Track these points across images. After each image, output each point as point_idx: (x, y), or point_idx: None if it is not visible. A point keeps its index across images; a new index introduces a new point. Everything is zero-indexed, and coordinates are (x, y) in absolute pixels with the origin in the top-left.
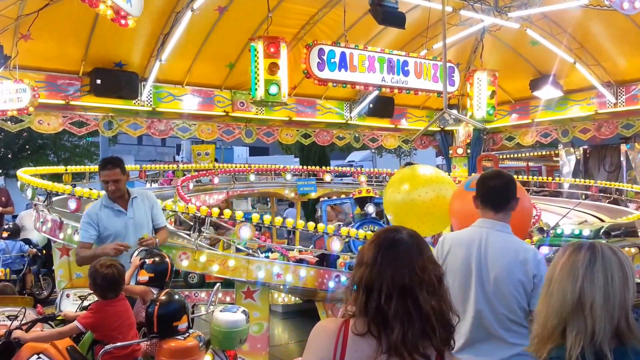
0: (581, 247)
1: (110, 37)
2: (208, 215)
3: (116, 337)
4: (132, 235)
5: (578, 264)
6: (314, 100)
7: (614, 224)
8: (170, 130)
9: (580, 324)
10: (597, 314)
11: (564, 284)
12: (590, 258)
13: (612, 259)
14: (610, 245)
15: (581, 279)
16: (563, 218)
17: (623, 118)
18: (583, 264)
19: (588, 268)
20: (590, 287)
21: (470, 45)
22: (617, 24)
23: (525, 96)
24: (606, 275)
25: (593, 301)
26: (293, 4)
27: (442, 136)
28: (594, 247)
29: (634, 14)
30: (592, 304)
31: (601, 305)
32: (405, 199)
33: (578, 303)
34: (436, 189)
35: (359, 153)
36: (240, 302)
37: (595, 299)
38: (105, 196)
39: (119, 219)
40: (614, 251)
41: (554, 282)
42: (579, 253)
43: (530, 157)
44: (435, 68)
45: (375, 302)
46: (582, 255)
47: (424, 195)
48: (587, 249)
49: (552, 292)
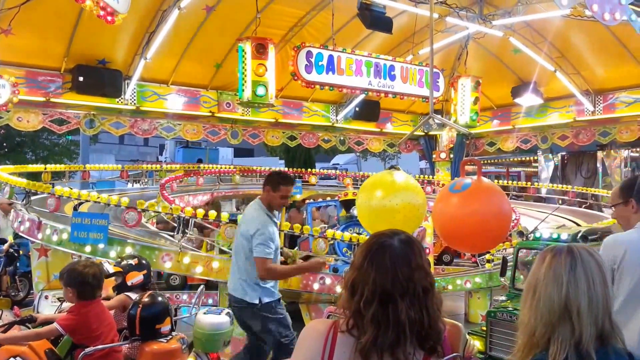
0: (560, 252)
1: (94, 33)
2: (193, 217)
3: (97, 339)
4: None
5: (560, 269)
6: (300, 103)
7: (591, 229)
8: (154, 130)
9: (566, 331)
10: (584, 318)
11: (549, 291)
12: (571, 263)
13: (591, 261)
14: (586, 247)
15: (565, 285)
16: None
17: (600, 126)
18: (565, 270)
19: (570, 273)
20: (574, 293)
21: (454, 52)
22: (597, 35)
23: (507, 103)
24: (588, 278)
25: (579, 306)
26: (281, 5)
27: (426, 140)
28: (573, 251)
29: (614, 25)
30: (578, 309)
31: (586, 310)
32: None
33: (565, 309)
34: (405, 196)
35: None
36: (224, 304)
37: (581, 304)
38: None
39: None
40: (590, 253)
41: (540, 290)
42: (559, 258)
43: (510, 163)
44: (421, 73)
45: (356, 305)
46: (563, 260)
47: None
48: (567, 253)
49: (538, 300)
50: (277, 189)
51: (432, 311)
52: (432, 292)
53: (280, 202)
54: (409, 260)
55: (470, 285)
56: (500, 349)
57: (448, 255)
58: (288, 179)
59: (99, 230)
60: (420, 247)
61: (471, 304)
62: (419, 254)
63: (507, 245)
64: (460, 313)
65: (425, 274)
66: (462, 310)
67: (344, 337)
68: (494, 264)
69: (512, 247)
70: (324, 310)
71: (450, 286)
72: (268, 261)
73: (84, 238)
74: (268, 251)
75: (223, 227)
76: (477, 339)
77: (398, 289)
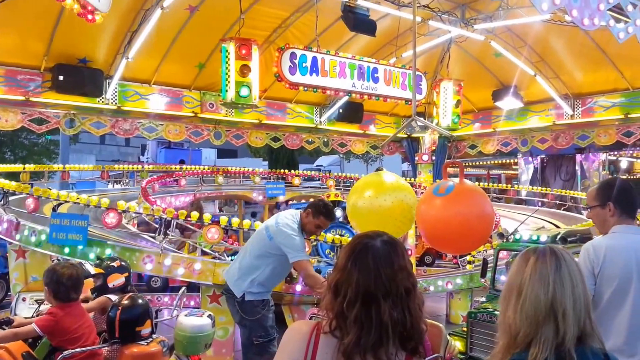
0: (544, 253)
1: (74, 32)
2: (174, 218)
3: (76, 342)
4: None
5: (546, 270)
6: (284, 104)
7: (570, 231)
8: (135, 130)
9: (551, 331)
10: (568, 319)
11: (536, 291)
12: (557, 263)
13: (572, 262)
14: (566, 250)
15: (552, 285)
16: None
17: (579, 129)
18: (551, 270)
19: (557, 273)
20: (561, 293)
21: (437, 55)
22: (576, 40)
23: (488, 106)
24: (572, 279)
25: (565, 307)
26: (265, 6)
27: (409, 143)
28: (557, 253)
29: (593, 30)
30: (564, 310)
31: (571, 310)
32: (368, 205)
33: (551, 310)
34: (398, 195)
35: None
36: (206, 306)
37: (567, 304)
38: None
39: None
40: (570, 255)
41: (526, 291)
42: (545, 259)
43: (491, 165)
44: (404, 76)
45: (339, 306)
46: (549, 261)
47: (385, 202)
48: (551, 254)
49: (524, 301)
50: (317, 217)
51: (415, 312)
52: (415, 293)
53: (313, 230)
54: (392, 261)
55: (452, 286)
56: (480, 350)
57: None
58: (331, 214)
59: (78, 231)
60: (403, 249)
61: (452, 305)
62: (402, 255)
63: (487, 247)
64: (442, 314)
65: (407, 274)
66: (443, 311)
67: (326, 338)
68: (475, 265)
69: (492, 248)
70: (306, 312)
71: (431, 287)
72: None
73: (63, 239)
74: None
75: (205, 229)
76: (458, 340)
77: (381, 289)
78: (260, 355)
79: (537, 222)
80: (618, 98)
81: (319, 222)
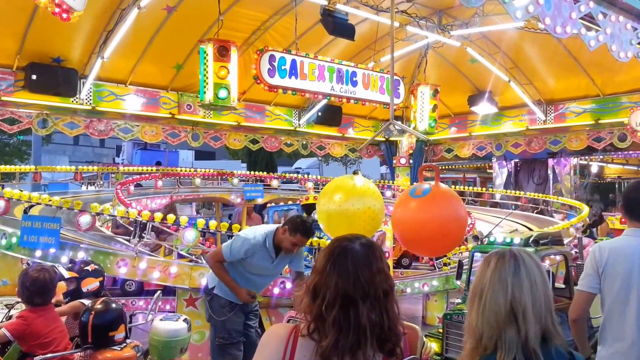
0: (504, 256)
1: (49, 30)
2: (150, 220)
3: (47, 347)
4: (259, 281)
5: (505, 273)
6: (263, 106)
7: (542, 233)
8: (110, 131)
9: (513, 332)
10: (529, 318)
11: (495, 294)
12: (515, 266)
13: (532, 263)
14: (526, 250)
15: (511, 287)
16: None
17: (551, 134)
18: (510, 273)
19: (515, 276)
20: (519, 294)
21: (414, 60)
22: (549, 47)
23: (464, 111)
24: (530, 280)
25: (524, 307)
26: (244, 8)
27: (387, 146)
28: (516, 255)
29: (565, 37)
30: (524, 310)
31: (530, 310)
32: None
33: (511, 311)
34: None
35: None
36: (182, 310)
37: (526, 305)
38: (272, 239)
39: (267, 262)
40: (530, 256)
41: (486, 293)
42: (503, 262)
43: (466, 169)
44: (382, 80)
45: (317, 309)
46: (508, 264)
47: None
48: (511, 257)
49: (485, 304)
50: (294, 234)
51: (392, 314)
52: (392, 295)
53: (289, 247)
54: (371, 263)
55: (428, 288)
56: (455, 351)
57: (407, 258)
58: (309, 232)
59: (50, 234)
60: (381, 251)
61: (429, 307)
62: (380, 257)
63: (462, 249)
64: (418, 315)
65: (385, 277)
66: (419, 313)
67: (304, 341)
68: (450, 267)
69: (467, 250)
70: (284, 315)
71: (408, 289)
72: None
73: (35, 242)
74: (225, 251)
75: (181, 232)
76: (434, 341)
77: (359, 292)
78: (221, 356)
79: (510, 225)
80: (589, 104)
81: (295, 240)
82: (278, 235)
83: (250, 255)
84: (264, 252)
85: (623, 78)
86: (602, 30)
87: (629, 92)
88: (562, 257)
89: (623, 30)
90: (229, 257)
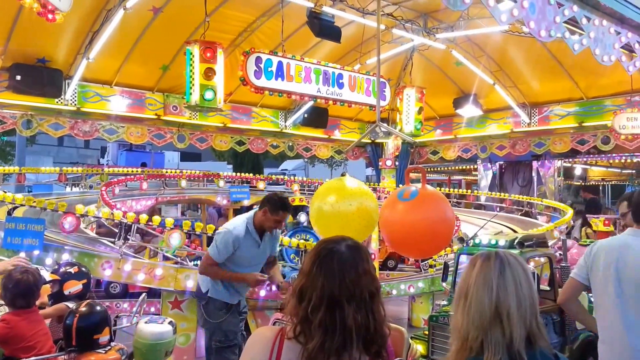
0: (490, 258)
1: (33, 31)
2: (135, 222)
3: (30, 350)
4: (254, 264)
5: (490, 274)
6: (249, 108)
7: (527, 235)
8: (95, 132)
9: (499, 333)
10: (514, 320)
11: (480, 295)
12: (501, 267)
13: (517, 264)
14: (512, 253)
15: (496, 288)
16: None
17: (535, 137)
18: (495, 274)
19: (500, 277)
20: (504, 295)
21: (400, 63)
22: (533, 50)
23: (449, 113)
24: (515, 281)
25: (509, 309)
26: (231, 10)
27: (373, 148)
28: (501, 257)
29: (549, 41)
30: (509, 312)
31: (515, 312)
32: (331, 210)
33: (496, 313)
34: (360, 201)
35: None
36: (167, 313)
37: (511, 306)
38: (252, 224)
39: (254, 248)
40: (516, 258)
41: (471, 295)
42: (489, 264)
43: (452, 171)
44: (368, 82)
45: (303, 311)
46: (493, 266)
47: (347, 207)
48: (496, 258)
49: (470, 305)
50: (275, 213)
51: (378, 316)
52: (378, 297)
53: (272, 225)
54: (357, 265)
55: (414, 290)
56: (441, 353)
57: (393, 260)
58: (288, 206)
59: (34, 236)
60: (367, 253)
61: (414, 309)
62: (366, 259)
63: (448, 251)
64: (404, 317)
65: (371, 278)
66: (405, 315)
67: (290, 343)
68: (436, 269)
69: (453, 252)
70: (270, 317)
71: (394, 291)
72: (210, 259)
73: (18, 244)
74: (213, 253)
75: (167, 233)
76: (420, 343)
77: (345, 293)
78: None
79: (495, 227)
80: (573, 107)
81: (278, 217)
82: (258, 218)
83: (237, 247)
84: (248, 238)
85: (606, 81)
86: (585, 34)
87: (613, 95)
88: (546, 259)
89: (606, 34)
90: (218, 257)
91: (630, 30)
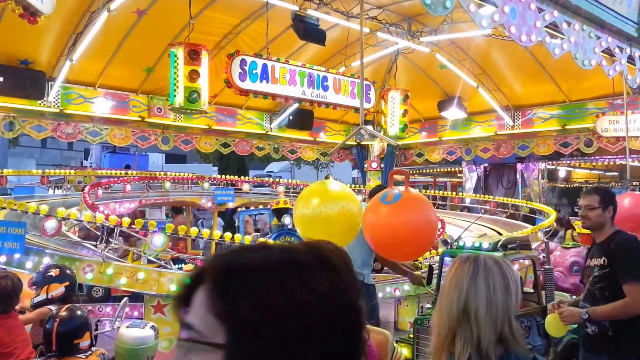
0: (466, 260)
1: (16, 32)
2: (118, 225)
3: (9, 356)
4: None
5: (462, 275)
6: (234, 110)
7: (511, 238)
8: (78, 134)
9: (467, 332)
10: (481, 321)
11: (451, 295)
12: (474, 269)
13: (494, 269)
14: (493, 257)
15: (465, 289)
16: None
17: (519, 140)
18: (467, 276)
19: (472, 279)
20: (474, 297)
21: (385, 66)
22: (516, 54)
23: (434, 116)
24: (488, 284)
25: (477, 310)
26: (216, 12)
27: (358, 150)
28: (477, 259)
29: (530, 46)
30: (476, 313)
31: (484, 313)
32: (313, 213)
33: (464, 312)
34: (342, 204)
35: (277, 164)
36: (150, 317)
37: (479, 308)
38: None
39: None
40: (496, 261)
41: (445, 294)
42: (464, 266)
43: (437, 173)
44: (353, 85)
45: None
46: (467, 267)
47: (330, 210)
48: (471, 261)
49: (443, 304)
50: None
51: None
52: None
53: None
54: None
55: (399, 292)
56: (426, 356)
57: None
58: None
59: (15, 239)
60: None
61: (400, 312)
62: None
63: (433, 253)
64: (391, 321)
65: None
66: (392, 318)
67: None
68: (421, 271)
69: (437, 255)
70: None
71: (380, 294)
72: None
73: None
74: None
75: (150, 237)
76: (405, 347)
77: None
78: None
79: (480, 229)
80: (556, 110)
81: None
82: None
83: None
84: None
85: (588, 85)
86: (566, 38)
87: (595, 99)
88: (530, 262)
89: (587, 39)
90: None
91: (610, 35)
